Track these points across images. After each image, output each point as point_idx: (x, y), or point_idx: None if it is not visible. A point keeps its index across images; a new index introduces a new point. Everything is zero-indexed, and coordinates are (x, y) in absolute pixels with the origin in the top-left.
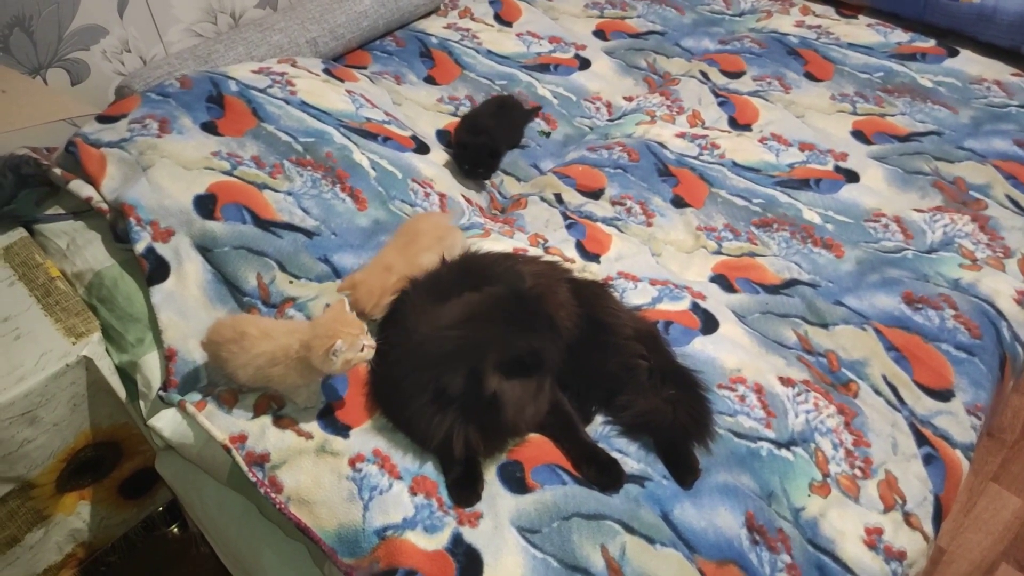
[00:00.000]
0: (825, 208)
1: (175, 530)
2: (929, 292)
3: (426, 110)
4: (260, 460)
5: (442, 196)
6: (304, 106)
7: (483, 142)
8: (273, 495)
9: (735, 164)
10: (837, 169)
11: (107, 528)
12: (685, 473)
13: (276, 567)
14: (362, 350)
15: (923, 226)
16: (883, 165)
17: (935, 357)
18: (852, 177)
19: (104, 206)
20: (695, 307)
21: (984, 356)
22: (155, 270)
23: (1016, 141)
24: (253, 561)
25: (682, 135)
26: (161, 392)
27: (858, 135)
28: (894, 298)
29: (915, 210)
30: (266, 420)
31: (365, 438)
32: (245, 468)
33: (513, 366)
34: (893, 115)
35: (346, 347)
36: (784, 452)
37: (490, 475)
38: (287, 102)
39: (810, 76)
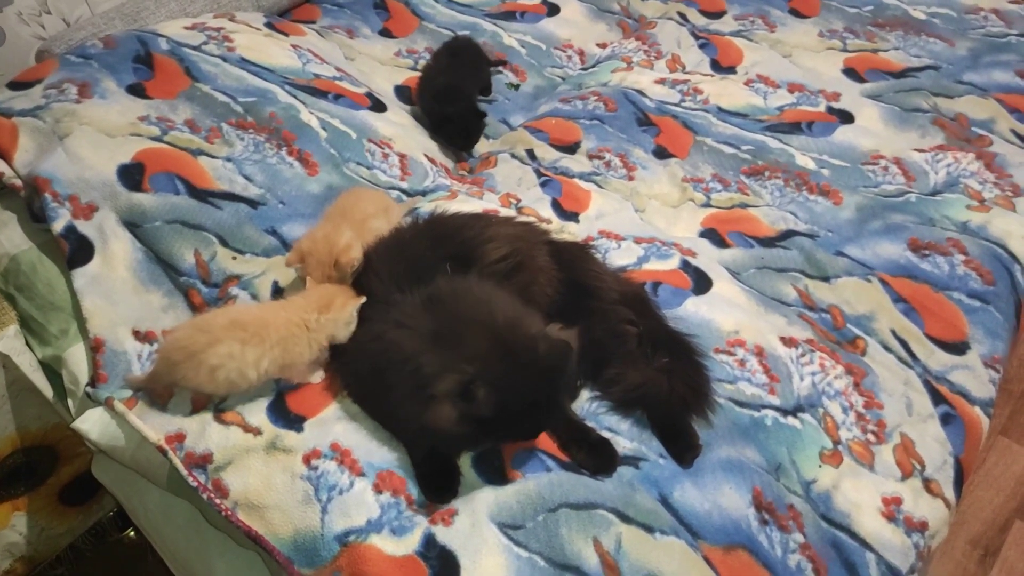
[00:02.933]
0: (819, 152)
1: (131, 535)
2: (936, 237)
3: (382, 65)
4: (201, 462)
5: (402, 156)
6: (244, 63)
7: (463, 109)
8: (218, 501)
9: (720, 110)
10: (830, 110)
11: (49, 539)
12: (684, 450)
13: None
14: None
15: (925, 167)
16: (879, 104)
17: (947, 307)
18: (846, 118)
19: (18, 182)
20: (685, 265)
21: (999, 303)
22: (77, 251)
23: (1018, 72)
24: (204, 573)
25: (662, 81)
26: (88, 388)
27: (850, 73)
28: (899, 245)
29: (916, 150)
30: (207, 416)
31: (321, 431)
32: (184, 471)
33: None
34: (886, 50)
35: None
36: (791, 420)
37: (465, 466)
38: (224, 59)
39: (796, 13)
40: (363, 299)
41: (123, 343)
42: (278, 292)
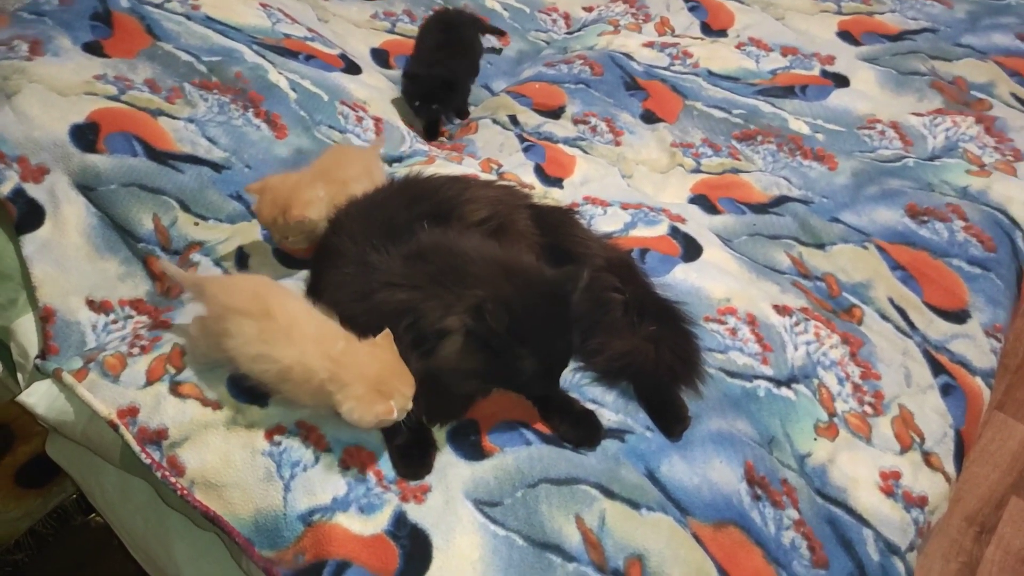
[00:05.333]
0: (814, 116)
1: (97, 519)
2: (935, 203)
3: (358, 27)
4: (156, 437)
5: (377, 120)
6: (209, 22)
7: (438, 73)
8: (173, 479)
9: (711, 73)
10: (824, 74)
11: (7, 523)
12: (672, 422)
13: (191, 562)
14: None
15: (923, 131)
16: (874, 67)
17: (946, 274)
18: (841, 81)
19: None
20: (674, 231)
21: (1000, 270)
22: (26, 216)
23: (1018, 35)
24: (164, 556)
25: (650, 44)
26: (38, 360)
27: (845, 36)
28: (896, 211)
29: (913, 114)
30: (162, 388)
31: (287, 406)
32: (137, 448)
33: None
34: (882, 12)
35: (394, 412)
36: (784, 391)
37: (440, 441)
38: (188, 18)
39: None
40: (393, 416)
41: (76, 313)
42: (242, 258)
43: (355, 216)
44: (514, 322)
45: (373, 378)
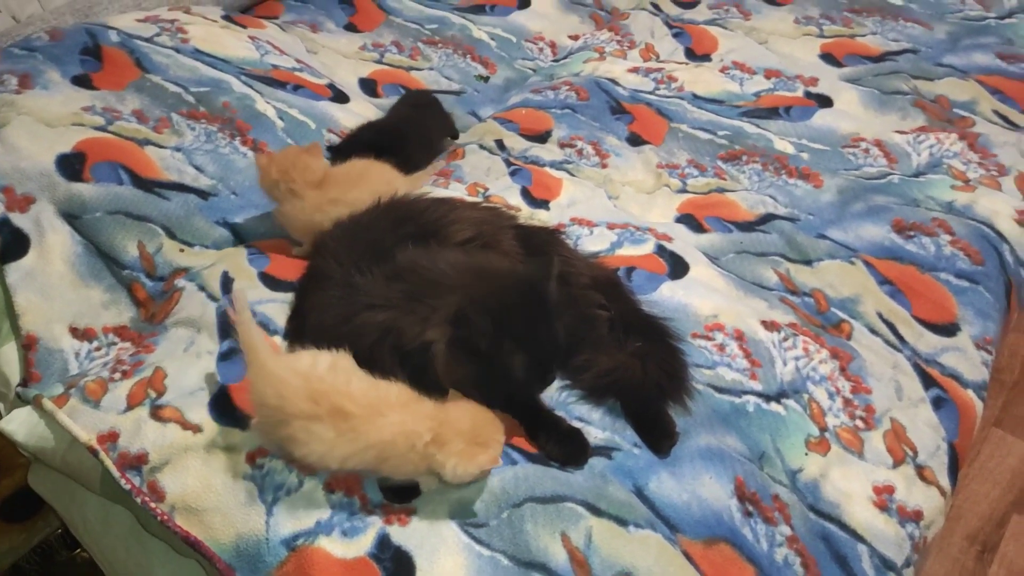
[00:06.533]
0: (798, 136)
1: (83, 554)
2: (921, 218)
3: (346, 58)
4: (136, 462)
5: None
6: (198, 54)
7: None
8: (153, 504)
9: (695, 96)
10: (808, 95)
11: None
12: (660, 438)
13: None
14: None
15: (907, 148)
16: (857, 87)
17: (934, 288)
18: (825, 102)
19: None
20: (660, 250)
21: (988, 283)
22: (10, 245)
23: (998, 54)
24: None
25: (635, 70)
26: (19, 388)
27: (828, 58)
28: (883, 227)
29: (897, 132)
30: (142, 412)
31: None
32: (116, 473)
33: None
34: (863, 35)
35: (499, 460)
36: (774, 406)
37: None
38: (178, 51)
39: (771, 0)
40: (499, 462)
41: (59, 340)
42: (227, 283)
43: (340, 238)
44: (496, 321)
45: (468, 431)
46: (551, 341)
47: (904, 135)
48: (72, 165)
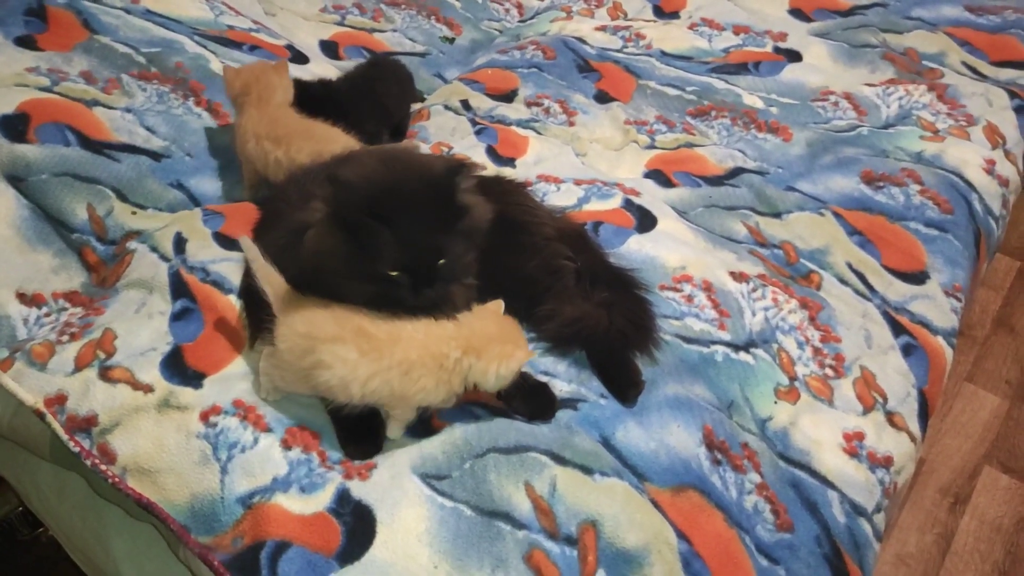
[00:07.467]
0: (767, 91)
1: (47, 533)
2: (890, 168)
3: (306, 20)
4: (85, 425)
5: None
6: (149, 14)
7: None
8: (104, 467)
9: (664, 53)
10: (777, 50)
11: None
12: (626, 387)
13: (129, 558)
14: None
15: (876, 101)
16: (826, 41)
17: (903, 237)
18: (794, 57)
19: None
20: (628, 204)
21: (957, 231)
22: None
23: (967, 7)
24: (103, 555)
25: (603, 28)
26: None
27: (796, 13)
28: (852, 178)
29: (866, 85)
30: (90, 374)
31: (223, 387)
32: (65, 436)
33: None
34: None
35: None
36: (743, 355)
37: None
38: (128, 11)
39: None
40: (534, 354)
41: (5, 307)
42: (180, 243)
43: (297, 182)
44: (373, 199)
45: (498, 334)
46: (435, 244)
47: (873, 87)
48: (15, 126)
